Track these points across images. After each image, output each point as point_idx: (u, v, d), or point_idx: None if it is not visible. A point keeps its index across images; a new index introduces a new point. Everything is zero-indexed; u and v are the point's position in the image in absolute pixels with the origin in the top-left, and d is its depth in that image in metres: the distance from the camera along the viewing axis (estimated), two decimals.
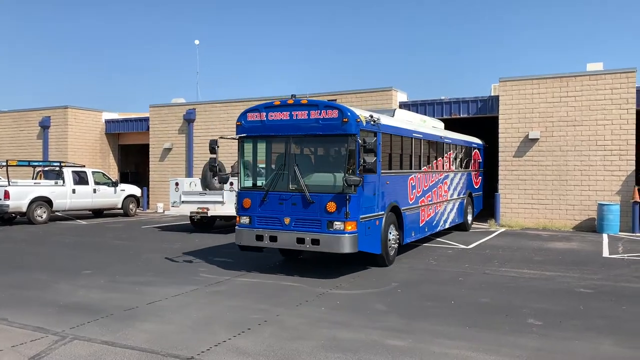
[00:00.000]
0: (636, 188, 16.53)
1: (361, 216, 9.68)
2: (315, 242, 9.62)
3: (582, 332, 6.54)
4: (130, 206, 22.22)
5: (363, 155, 9.34)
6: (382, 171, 10.67)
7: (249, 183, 10.71)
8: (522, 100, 18.18)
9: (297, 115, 9.99)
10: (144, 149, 27.72)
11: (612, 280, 9.47)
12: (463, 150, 16.80)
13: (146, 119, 26.55)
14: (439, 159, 14.38)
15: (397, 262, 11.22)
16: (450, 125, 18.15)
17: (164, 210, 23.23)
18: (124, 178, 27.98)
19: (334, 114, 9.64)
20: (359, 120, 9.60)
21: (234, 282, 9.36)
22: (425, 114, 19.76)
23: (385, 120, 11.02)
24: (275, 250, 11.57)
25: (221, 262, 11.35)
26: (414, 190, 12.48)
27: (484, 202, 19.18)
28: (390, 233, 10.89)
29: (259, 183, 10.65)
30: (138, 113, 29.21)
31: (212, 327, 6.67)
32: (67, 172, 20.17)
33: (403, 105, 20.67)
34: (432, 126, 15.18)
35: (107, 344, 6.03)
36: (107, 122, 27.95)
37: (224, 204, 15.83)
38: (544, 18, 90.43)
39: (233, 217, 16.20)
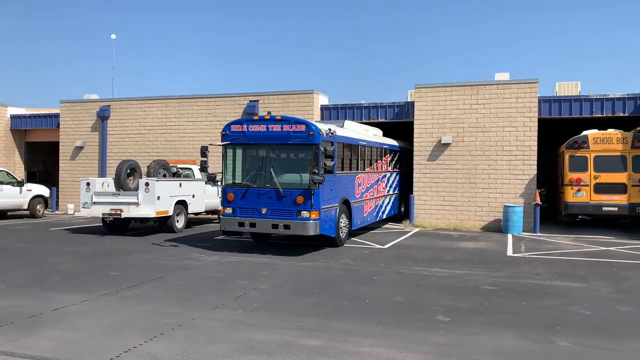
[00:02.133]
0: (537, 191, 17.75)
1: (322, 207, 12.25)
2: (286, 227, 12.16)
3: (486, 327, 6.93)
4: (38, 207, 20.98)
5: (324, 160, 12.06)
6: (337, 172, 13.21)
7: (232, 181, 13.00)
8: (435, 107, 18.98)
9: (272, 128, 12.47)
10: (53, 147, 26.27)
11: (514, 278, 10.11)
12: (398, 154, 19.41)
13: (56, 115, 25.18)
14: (379, 162, 17.12)
15: (314, 261, 11.44)
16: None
17: (74, 212, 22.13)
18: (31, 177, 26.39)
19: (302, 128, 12.20)
20: (321, 133, 12.20)
21: (148, 285, 9.10)
22: (346, 118, 20.33)
23: (339, 131, 13.56)
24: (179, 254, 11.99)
25: (134, 265, 10.99)
26: (360, 187, 15.17)
27: (399, 203, 19.95)
28: (341, 221, 13.50)
29: (240, 181, 12.89)
30: (48, 109, 27.61)
31: (123, 333, 6.45)
32: None
33: (324, 109, 21.01)
34: (373, 134, 17.77)
35: (5, 354, 5.67)
36: (13, 117, 26.18)
37: (139, 205, 15.33)
38: (458, 26, 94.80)
39: (149, 219, 15.87)
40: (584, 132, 17.78)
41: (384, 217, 17.96)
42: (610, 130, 17.58)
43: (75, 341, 6.15)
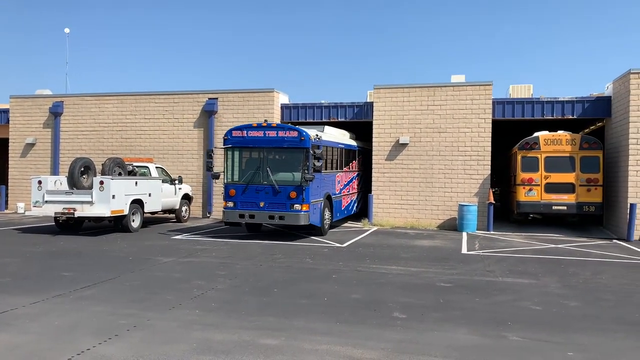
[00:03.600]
0: (491, 190, 18.24)
1: (311, 201, 14.35)
2: (281, 218, 14.29)
3: (441, 323, 7.09)
4: None
5: (313, 161, 14.04)
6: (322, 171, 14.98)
7: (233, 179, 14.87)
8: (394, 107, 19.25)
9: (268, 133, 14.49)
10: (2, 144, 25.30)
11: (468, 275, 10.37)
12: (367, 155, 20.78)
13: (6, 111, 24.23)
14: (353, 162, 19.11)
15: (274, 260, 11.43)
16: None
17: (25, 211, 21.39)
18: None
19: (295, 134, 14.30)
20: (310, 138, 14.25)
21: (102, 286, 8.90)
22: (306, 117, 20.42)
23: (323, 136, 15.49)
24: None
25: (88, 265, 10.73)
26: (339, 184, 17.28)
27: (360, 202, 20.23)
28: (325, 213, 15.64)
29: (240, 179, 14.74)
30: None
31: (76, 335, 6.29)
32: None
33: (284, 107, 20.99)
34: (348, 137, 19.43)
35: None
36: None
37: (93, 204, 14.95)
38: (416, 28, 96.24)
39: (103, 218, 15.49)
40: (535, 134, 18.37)
41: (357, 210, 19.82)
42: (560, 132, 18.22)
43: (24, 344, 5.96)
